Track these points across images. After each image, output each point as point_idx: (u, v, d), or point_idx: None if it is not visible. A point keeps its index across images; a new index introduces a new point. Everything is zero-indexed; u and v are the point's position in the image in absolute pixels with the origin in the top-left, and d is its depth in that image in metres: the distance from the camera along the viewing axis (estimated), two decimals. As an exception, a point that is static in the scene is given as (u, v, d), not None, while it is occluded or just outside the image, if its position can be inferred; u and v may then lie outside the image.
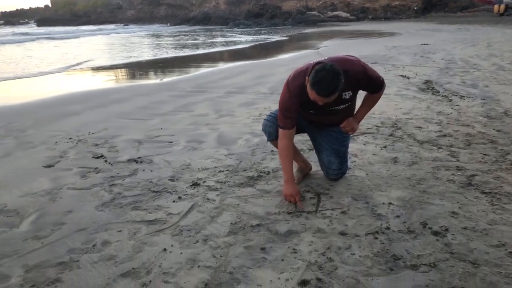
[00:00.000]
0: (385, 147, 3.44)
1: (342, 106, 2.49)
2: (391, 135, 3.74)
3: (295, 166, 2.95)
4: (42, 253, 2.01)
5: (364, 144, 3.55)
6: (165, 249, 2.02)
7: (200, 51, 15.18)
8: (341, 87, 2.19)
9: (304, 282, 1.75)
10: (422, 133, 3.75)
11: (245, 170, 3.04)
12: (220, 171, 3.03)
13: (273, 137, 2.65)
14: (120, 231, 2.21)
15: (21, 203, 2.57)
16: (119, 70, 10.35)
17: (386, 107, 4.74)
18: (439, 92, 5.54)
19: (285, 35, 23.37)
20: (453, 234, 2.07)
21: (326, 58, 2.40)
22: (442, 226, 2.15)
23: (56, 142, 3.87)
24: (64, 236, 2.17)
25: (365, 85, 2.45)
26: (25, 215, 2.41)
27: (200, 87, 7.00)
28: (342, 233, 2.14)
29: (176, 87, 7.01)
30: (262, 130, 2.71)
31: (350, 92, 2.41)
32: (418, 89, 5.81)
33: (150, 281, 1.78)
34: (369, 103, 2.64)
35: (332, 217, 2.32)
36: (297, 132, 2.79)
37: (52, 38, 24.20)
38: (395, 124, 4.08)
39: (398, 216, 2.29)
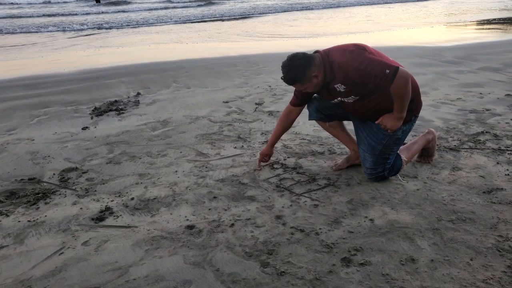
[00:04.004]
0: (526, 175, 2.53)
1: (348, 99, 2.29)
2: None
3: (347, 153, 2.83)
4: (143, 147, 3.27)
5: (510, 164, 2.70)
6: (176, 171, 2.84)
7: None
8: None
9: (190, 227, 2.17)
10: None
11: (321, 144, 3.17)
12: (302, 139, 3.30)
13: (312, 117, 2.71)
14: (181, 152, 3.17)
15: (177, 119, 3.92)
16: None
17: None
18: None
19: None
20: (351, 272, 1.77)
21: (339, 44, 2.27)
22: (365, 260, 1.84)
23: (258, 86, 5.02)
24: (165, 144, 3.34)
25: (360, 79, 2.13)
26: (166, 126, 3.75)
27: (465, 58, 6.21)
28: (278, 217, 2.23)
29: (437, 55, 6.51)
30: None
31: (342, 85, 2.18)
32: None
33: (152, 181, 2.70)
34: (394, 97, 2.22)
35: (300, 204, 2.35)
36: (343, 119, 2.69)
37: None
38: None
39: (350, 232, 2.06)
